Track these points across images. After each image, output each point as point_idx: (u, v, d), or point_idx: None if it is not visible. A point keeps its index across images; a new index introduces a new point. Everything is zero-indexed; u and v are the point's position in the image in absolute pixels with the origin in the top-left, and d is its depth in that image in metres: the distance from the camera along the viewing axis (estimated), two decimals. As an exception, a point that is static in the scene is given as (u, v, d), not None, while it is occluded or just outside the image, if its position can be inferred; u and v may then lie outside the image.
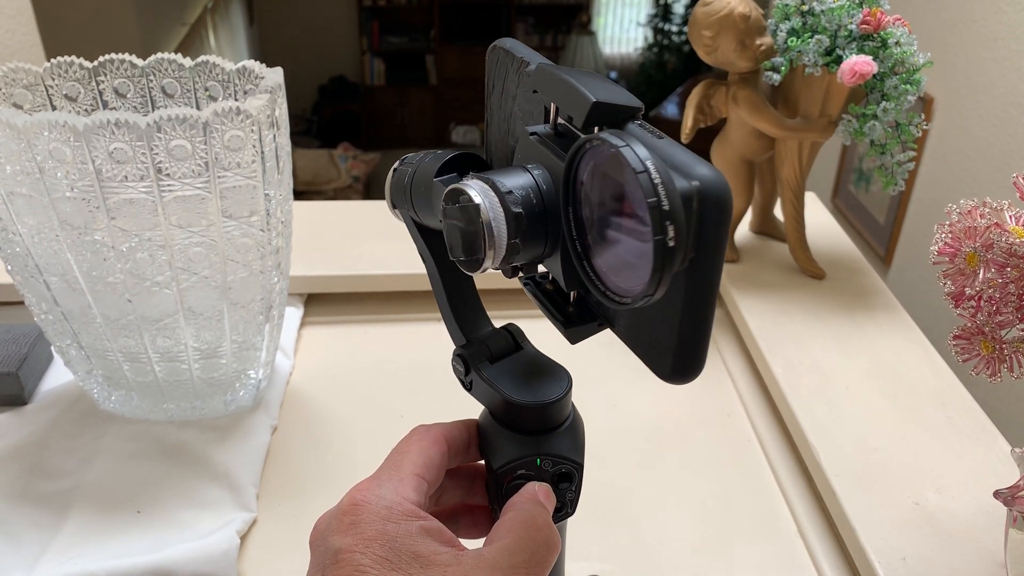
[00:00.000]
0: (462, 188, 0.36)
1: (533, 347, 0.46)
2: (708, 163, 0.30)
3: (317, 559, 0.38)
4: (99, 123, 0.58)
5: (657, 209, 0.29)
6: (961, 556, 0.63)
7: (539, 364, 0.45)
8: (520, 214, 0.35)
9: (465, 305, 0.48)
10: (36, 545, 0.66)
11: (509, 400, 0.42)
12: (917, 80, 0.82)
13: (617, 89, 0.35)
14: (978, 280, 0.50)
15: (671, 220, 0.29)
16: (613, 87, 0.35)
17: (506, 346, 0.46)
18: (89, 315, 0.68)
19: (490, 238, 0.35)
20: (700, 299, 0.32)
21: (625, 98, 0.34)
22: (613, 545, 0.69)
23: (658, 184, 0.29)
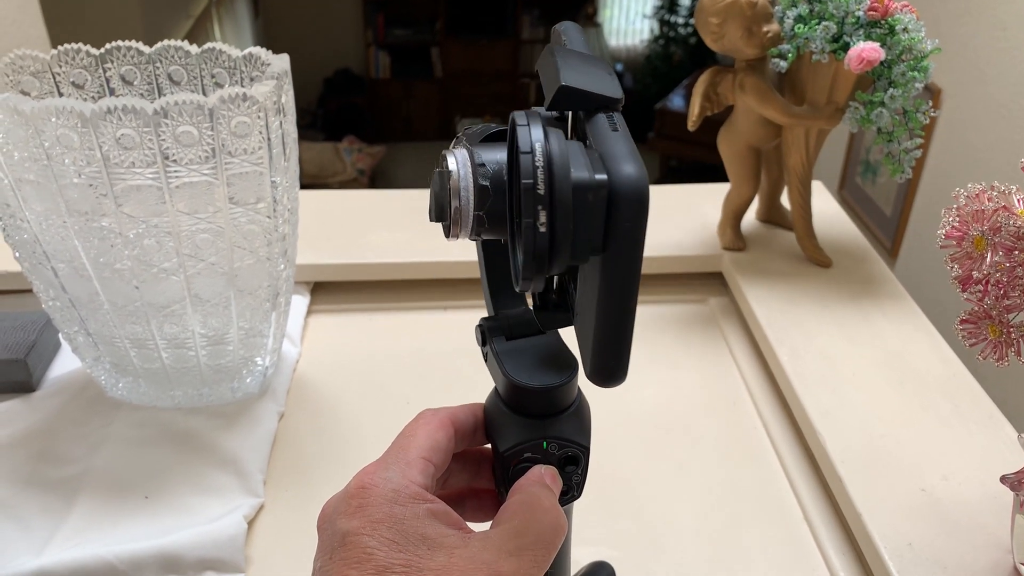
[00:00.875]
0: (445, 154, 0.36)
1: (558, 335, 0.45)
2: (639, 163, 0.29)
3: (325, 542, 0.38)
4: (106, 109, 0.58)
5: (531, 191, 0.29)
6: (967, 542, 0.63)
7: (553, 349, 0.44)
8: (485, 187, 0.35)
9: (503, 279, 0.46)
10: (45, 530, 0.66)
11: (507, 378, 0.43)
12: (925, 67, 0.82)
13: (603, 78, 0.34)
14: (985, 264, 0.49)
15: (543, 205, 0.29)
16: (601, 75, 0.34)
17: (529, 327, 0.45)
18: (96, 302, 0.68)
19: (456, 206, 0.35)
20: (612, 299, 0.31)
21: (603, 87, 0.33)
22: (619, 531, 0.70)
23: (538, 167, 0.29)
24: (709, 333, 0.94)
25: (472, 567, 0.36)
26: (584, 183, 0.30)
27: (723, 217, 1.01)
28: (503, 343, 0.44)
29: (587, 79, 0.33)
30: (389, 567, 0.35)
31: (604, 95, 0.33)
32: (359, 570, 0.35)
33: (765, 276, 0.95)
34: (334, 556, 0.37)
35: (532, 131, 0.30)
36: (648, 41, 5.31)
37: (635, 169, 0.29)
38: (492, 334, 0.44)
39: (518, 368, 0.43)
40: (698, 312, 0.98)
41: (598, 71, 0.35)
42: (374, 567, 0.35)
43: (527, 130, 0.30)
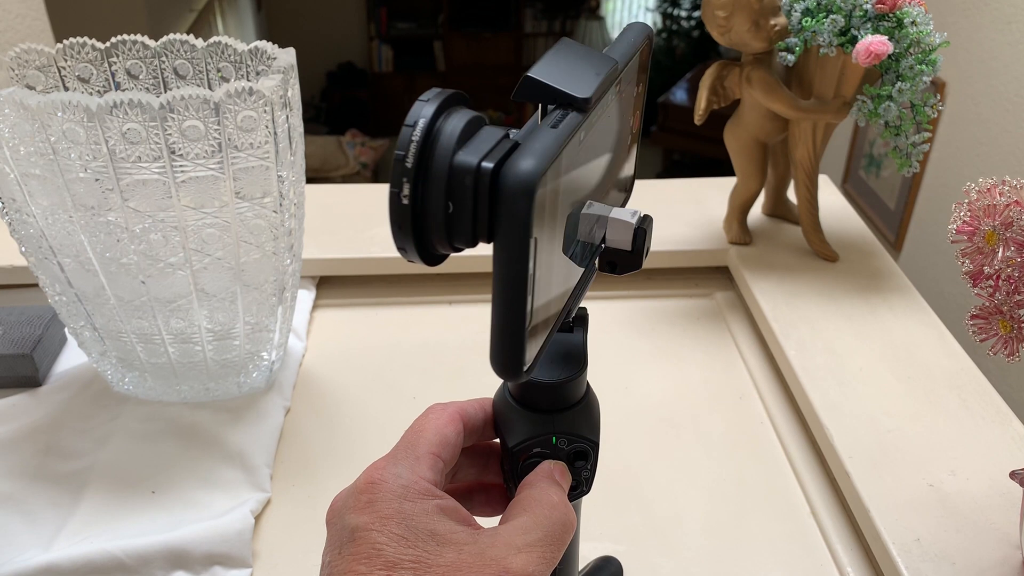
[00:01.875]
0: None
1: (583, 335, 0.44)
2: (541, 161, 0.29)
3: (334, 537, 0.38)
4: (112, 103, 0.58)
5: (400, 163, 0.30)
6: (976, 537, 0.63)
7: (567, 346, 0.44)
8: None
9: None
10: (52, 524, 0.66)
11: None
12: (933, 60, 0.82)
13: (581, 77, 0.33)
14: (997, 259, 0.49)
15: (407, 178, 0.30)
16: (581, 74, 0.33)
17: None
18: (103, 296, 0.68)
19: None
20: (496, 290, 0.31)
21: (571, 85, 0.32)
22: (626, 526, 0.70)
23: (413, 141, 0.30)
24: (715, 327, 0.94)
25: (481, 563, 0.36)
26: (464, 166, 0.30)
27: (729, 211, 1.00)
28: None
29: (559, 75, 0.33)
30: (398, 563, 0.35)
31: (565, 92, 0.32)
32: (368, 566, 0.35)
33: (771, 270, 0.95)
34: (343, 551, 0.37)
35: (425, 107, 0.30)
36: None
37: (532, 165, 0.29)
38: None
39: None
40: (704, 306, 0.98)
41: (582, 70, 0.33)
42: (383, 563, 0.35)
43: (422, 105, 0.31)
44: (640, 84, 0.43)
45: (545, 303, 0.34)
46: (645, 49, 0.41)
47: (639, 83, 0.42)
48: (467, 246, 0.32)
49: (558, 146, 0.30)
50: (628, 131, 0.42)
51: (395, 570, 0.35)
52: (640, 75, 0.42)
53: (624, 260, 0.40)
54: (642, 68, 0.42)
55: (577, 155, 0.34)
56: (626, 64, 0.38)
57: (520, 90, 0.32)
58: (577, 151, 0.33)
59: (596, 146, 0.37)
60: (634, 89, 0.42)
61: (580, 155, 0.34)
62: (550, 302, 0.35)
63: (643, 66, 0.42)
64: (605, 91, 0.35)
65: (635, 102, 0.42)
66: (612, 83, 0.36)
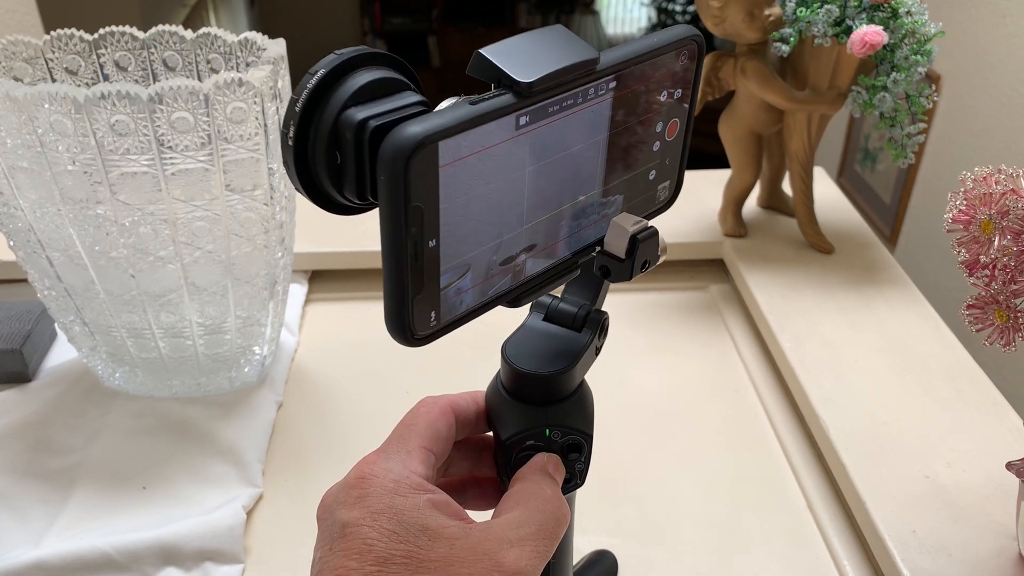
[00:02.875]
0: None
1: (591, 338, 0.44)
2: (428, 131, 0.29)
3: (325, 533, 0.38)
4: (100, 95, 0.57)
5: (291, 105, 0.31)
6: (972, 529, 0.63)
7: (563, 340, 0.44)
8: None
9: (587, 275, 0.45)
10: (42, 520, 0.66)
11: (508, 363, 0.42)
12: (928, 51, 0.81)
13: (539, 62, 0.32)
14: (993, 248, 0.49)
15: (294, 121, 0.32)
16: (542, 59, 0.32)
17: (566, 318, 0.44)
18: (92, 291, 0.68)
19: None
20: (381, 247, 0.31)
21: (516, 68, 0.32)
22: (621, 520, 0.69)
23: (307, 88, 0.31)
24: (710, 320, 0.94)
25: (473, 558, 0.35)
26: (347, 120, 0.31)
27: (724, 203, 1.00)
28: (536, 320, 0.44)
29: (513, 56, 0.32)
30: (389, 558, 0.35)
31: (507, 73, 0.31)
32: (359, 561, 0.35)
33: (766, 262, 0.94)
34: (334, 547, 0.36)
35: (332, 58, 0.32)
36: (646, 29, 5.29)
37: (414, 132, 0.29)
38: (536, 308, 0.44)
39: (520, 354, 0.42)
40: (699, 299, 0.97)
41: (544, 56, 0.33)
42: (374, 558, 0.35)
43: (332, 58, 0.32)
44: (678, 92, 0.40)
45: (459, 273, 0.34)
46: (685, 55, 0.38)
47: (674, 90, 0.39)
48: (357, 200, 0.34)
49: (461, 121, 0.30)
50: (648, 136, 0.40)
51: (386, 565, 0.35)
52: (676, 82, 0.39)
53: (616, 268, 0.40)
54: (681, 76, 0.39)
55: (525, 140, 0.33)
56: (625, 64, 0.36)
57: (471, 65, 0.32)
58: (524, 135, 0.33)
59: (569, 139, 0.35)
60: (663, 95, 0.39)
61: (533, 141, 0.33)
62: (473, 274, 0.35)
63: (682, 74, 0.39)
64: (567, 83, 0.33)
65: (667, 110, 0.40)
66: (583, 77, 0.34)
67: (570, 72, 0.33)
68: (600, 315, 0.44)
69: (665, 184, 0.43)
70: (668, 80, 0.39)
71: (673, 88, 0.39)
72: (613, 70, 0.35)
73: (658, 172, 0.42)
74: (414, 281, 0.32)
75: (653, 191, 0.42)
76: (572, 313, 0.44)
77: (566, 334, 0.44)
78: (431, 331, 0.35)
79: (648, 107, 0.39)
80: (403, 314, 0.33)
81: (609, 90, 0.36)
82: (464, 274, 0.34)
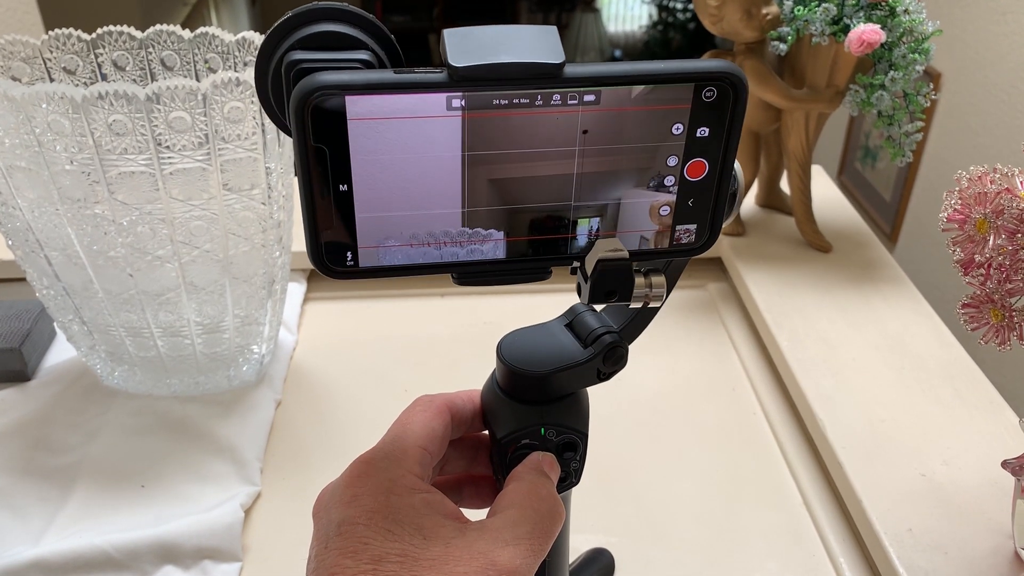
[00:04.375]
0: None
1: (591, 354, 0.44)
2: (335, 82, 0.32)
3: (320, 531, 0.38)
4: (98, 94, 0.57)
5: (266, 38, 0.36)
6: (968, 527, 0.63)
7: (559, 339, 0.44)
8: None
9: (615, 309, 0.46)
10: (41, 519, 0.66)
11: (503, 362, 0.42)
12: (926, 49, 0.81)
13: (490, 55, 0.33)
14: (988, 247, 0.49)
15: (263, 54, 0.35)
16: (499, 53, 0.33)
17: (582, 330, 0.44)
18: (91, 290, 0.68)
19: None
20: None
21: (461, 55, 0.33)
22: (618, 518, 0.69)
23: (273, 25, 0.35)
24: (708, 318, 0.94)
25: (468, 557, 0.35)
26: (287, 60, 0.34)
27: (722, 202, 1.00)
28: (553, 323, 0.45)
29: (471, 43, 0.33)
30: (384, 557, 0.35)
31: (446, 54, 0.33)
32: (354, 559, 0.35)
33: (764, 261, 0.94)
34: (329, 545, 0.36)
35: (304, 6, 0.35)
36: (647, 27, 5.28)
37: (321, 79, 0.32)
38: (566, 314, 0.45)
39: (514, 352, 0.42)
40: (697, 297, 0.97)
41: (499, 48, 0.33)
42: (369, 557, 0.35)
43: (308, 5, 0.35)
44: (703, 130, 0.36)
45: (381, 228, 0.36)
46: (714, 92, 0.35)
47: (694, 127, 0.36)
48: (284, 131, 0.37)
49: (371, 82, 0.32)
50: (650, 165, 0.37)
51: (381, 564, 0.35)
52: (699, 119, 0.35)
53: (581, 288, 0.39)
54: (706, 114, 0.35)
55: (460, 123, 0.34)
56: (608, 80, 0.34)
57: (440, 41, 0.34)
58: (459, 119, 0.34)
59: (526, 138, 0.35)
60: (676, 127, 0.36)
61: (474, 128, 0.34)
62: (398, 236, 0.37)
63: (707, 112, 0.35)
64: (515, 80, 0.33)
65: (687, 146, 0.36)
66: (539, 80, 0.33)
67: (514, 70, 0.33)
68: (612, 340, 0.43)
69: (688, 228, 0.39)
70: (683, 112, 0.35)
71: (692, 124, 0.35)
72: (590, 82, 0.34)
73: (676, 212, 0.38)
74: (322, 216, 0.35)
75: (667, 230, 0.39)
76: (590, 328, 0.44)
77: (568, 343, 0.44)
78: (348, 270, 0.37)
79: (648, 134, 0.36)
80: (315, 243, 0.35)
81: (588, 103, 0.34)
82: (387, 231, 0.36)
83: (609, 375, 0.44)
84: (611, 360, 0.44)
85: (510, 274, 0.39)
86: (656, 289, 0.40)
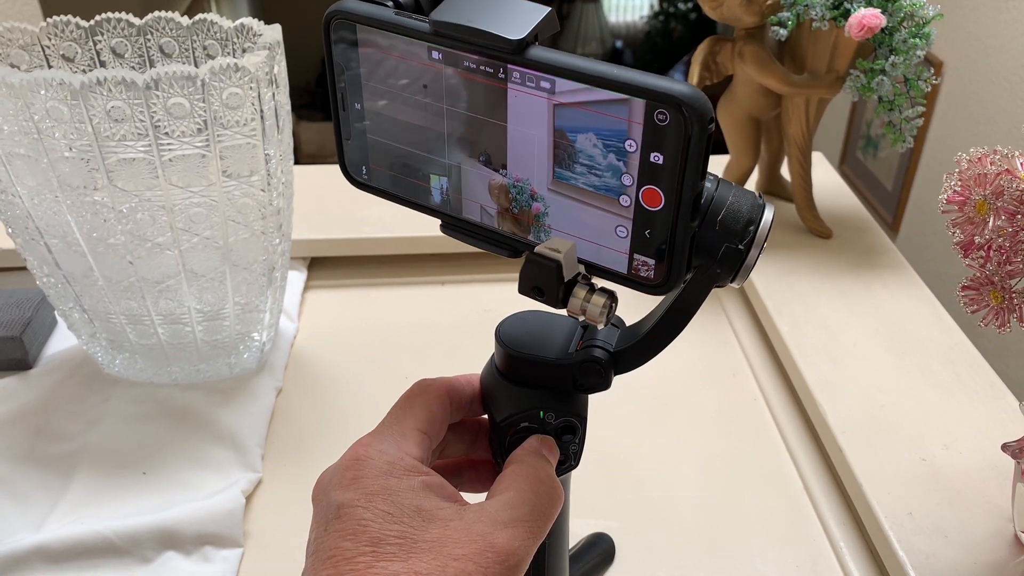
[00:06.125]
0: None
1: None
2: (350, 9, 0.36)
3: (320, 514, 0.38)
4: (96, 80, 0.57)
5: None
6: (968, 510, 0.63)
7: (559, 324, 0.44)
8: None
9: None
10: (43, 505, 0.66)
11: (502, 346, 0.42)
12: (927, 34, 0.81)
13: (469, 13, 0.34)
14: (988, 228, 0.49)
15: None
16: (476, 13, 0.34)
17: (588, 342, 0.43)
18: (91, 277, 0.68)
19: None
20: None
21: (444, 8, 0.34)
22: (618, 503, 0.69)
23: None
24: (709, 305, 0.94)
25: (467, 539, 0.35)
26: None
27: (723, 189, 1.00)
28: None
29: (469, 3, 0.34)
30: (383, 539, 0.35)
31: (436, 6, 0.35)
32: (353, 542, 0.35)
33: (765, 247, 0.94)
34: (329, 528, 0.36)
35: None
36: (648, 17, 5.27)
37: (340, 5, 0.37)
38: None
39: (512, 336, 0.42)
40: (698, 285, 0.97)
41: (480, 12, 0.34)
42: (368, 539, 0.35)
43: None
44: (656, 156, 0.32)
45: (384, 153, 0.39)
46: (664, 115, 0.31)
47: (647, 151, 0.32)
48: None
49: (373, 17, 0.36)
50: (604, 179, 0.34)
51: (380, 546, 0.35)
52: (651, 142, 0.32)
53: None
54: (659, 139, 0.32)
55: (440, 75, 0.36)
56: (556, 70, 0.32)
57: None
58: (437, 71, 0.35)
59: (485, 105, 0.35)
60: (628, 144, 0.33)
61: (448, 82, 0.36)
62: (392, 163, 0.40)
63: (660, 137, 0.32)
64: (475, 46, 0.34)
65: (641, 169, 0.33)
66: (493, 51, 0.33)
67: (475, 36, 0.33)
68: (599, 355, 0.42)
69: (647, 261, 0.36)
70: (636, 129, 0.32)
71: (645, 146, 0.32)
72: (543, 68, 0.33)
73: (632, 238, 0.35)
74: (344, 127, 0.39)
75: (625, 255, 0.36)
76: (591, 336, 0.43)
77: (563, 339, 0.43)
78: (364, 183, 0.41)
79: (603, 142, 0.33)
80: (340, 151, 0.40)
81: (544, 90, 0.33)
82: (391, 158, 0.39)
83: (585, 388, 0.43)
84: (586, 372, 0.42)
85: (483, 240, 0.40)
86: (591, 307, 0.37)
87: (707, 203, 0.35)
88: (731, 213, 0.36)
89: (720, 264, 0.37)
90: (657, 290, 0.37)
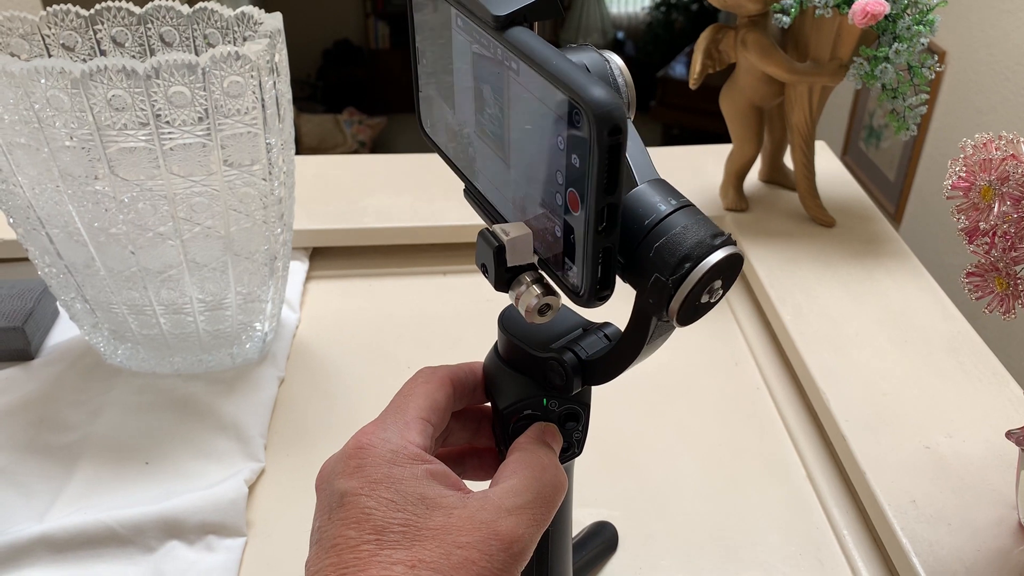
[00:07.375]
0: None
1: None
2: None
3: (323, 502, 0.38)
4: (96, 69, 0.57)
5: None
6: (972, 498, 0.63)
7: (560, 324, 0.43)
8: None
9: None
10: (46, 495, 0.66)
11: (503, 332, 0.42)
12: (931, 21, 0.81)
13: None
14: (993, 214, 0.48)
15: None
16: None
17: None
18: (93, 268, 0.68)
19: None
20: None
21: None
22: (621, 492, 0.69)
23: None
24: (711, 295, 0.94)
25: (471, 526, 0.35)
26: None
27: (725, 178, 1.00)
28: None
29: None
30: (387, 527, 0.35)
31: None
32: (357, 530, 0.35)
33: (768, 236, 0.94)
34: (332, 516, 0.36)
35: None
36: (650, 8, 5.25)
37: None
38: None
39: (514, 323, 0.42)
40: (700, 274, 0.97)
41: None
42: (372, 527, 0.35)
43: None
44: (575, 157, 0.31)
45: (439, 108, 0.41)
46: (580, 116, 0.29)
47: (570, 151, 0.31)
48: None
49: None
50: (546, 172, 0.33)
51: (384, 534, 0.35)
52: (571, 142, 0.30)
53: None
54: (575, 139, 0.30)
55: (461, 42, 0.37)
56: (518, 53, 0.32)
57: None
58: (459, 37, 0.37)
59: (483, 79, 0.36)
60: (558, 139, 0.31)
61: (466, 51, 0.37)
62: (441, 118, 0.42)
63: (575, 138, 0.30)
64: (476, 19, 0.34)
65: (569, 168, 0.31)
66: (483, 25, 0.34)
67: (471, 6, 0.34)
68: (567, 358, 0.41)
69: (572, 267, 0.34)
70: (562, 128, 0.31)
71: (569, 146, 0.31)
72: (508, 46, 0.32)
73: (564, 239, 0.33)
74: (416, 78, 0.42)
75: (559, 257, 0.34)
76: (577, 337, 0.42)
77: (558, 335, 0.42)
78: (426, 134, 0.43)
79: (542, 133, 0.32)
80: (415, 100, 0.42)
81: (512, 70, 0.33)
82: (440, 115, 0.41)
83: (551, 386, 0.42)
84: (552, 371, 0.41)
85: (482, 211, 0.40)
86: (524, 298, 0.36)
87: (651, 224, 0.33)
88: (670, 243, 0.33)
89: (649, 294, 0.34)
90: (579, 300, 0.34)
